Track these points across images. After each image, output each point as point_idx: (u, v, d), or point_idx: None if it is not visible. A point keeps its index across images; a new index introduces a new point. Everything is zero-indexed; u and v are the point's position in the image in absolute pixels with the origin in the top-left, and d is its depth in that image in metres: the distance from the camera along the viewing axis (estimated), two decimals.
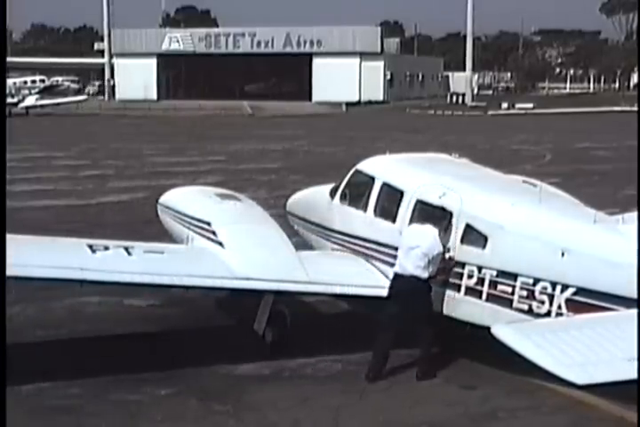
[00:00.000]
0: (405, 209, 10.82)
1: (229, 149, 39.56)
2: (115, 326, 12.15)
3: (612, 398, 9.05)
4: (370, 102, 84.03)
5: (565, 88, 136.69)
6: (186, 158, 35.15)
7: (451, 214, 10.29)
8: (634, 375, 6.91)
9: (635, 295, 8.47)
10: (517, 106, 78.14)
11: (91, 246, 10.40)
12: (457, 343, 10.73)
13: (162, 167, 31.31)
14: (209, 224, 11.30)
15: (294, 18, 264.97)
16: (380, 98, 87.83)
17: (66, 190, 25.56)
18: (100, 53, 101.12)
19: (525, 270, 9.50)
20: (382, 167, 11.94)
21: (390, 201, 11.16)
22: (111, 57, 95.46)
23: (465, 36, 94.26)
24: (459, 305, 10.18)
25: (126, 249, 10.46)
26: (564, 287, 9.15)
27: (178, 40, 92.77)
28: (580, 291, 9.02)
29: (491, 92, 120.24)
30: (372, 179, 11.71)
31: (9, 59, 71.41)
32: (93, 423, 8.88)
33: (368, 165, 12.14)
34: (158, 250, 10.81)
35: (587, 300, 8.95)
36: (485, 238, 9.92)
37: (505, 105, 78.74)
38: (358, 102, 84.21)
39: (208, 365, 10.41)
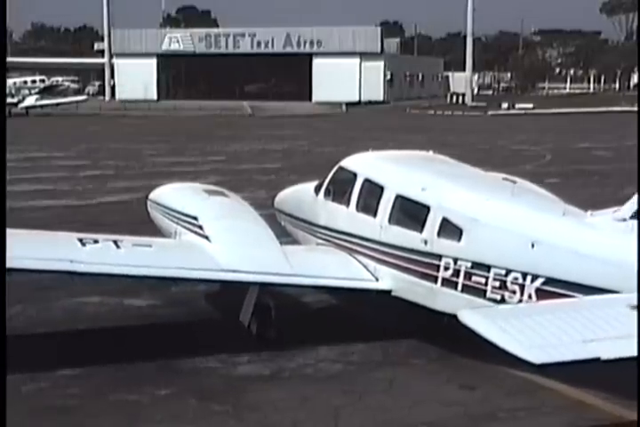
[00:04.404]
0: (385, 204, 11.17)
1: (229, 149, 39.56)
2: (115, 326, 12.17)
3: (611, 399, 9.08)
4: (370, 102, 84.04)
5: (565, 88, 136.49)
6: (186, 158, 35.15)
7: (428, 209, 10.61)
8: (589, 355, 7.11)
9: (600, 285, 8.78)
10: (517, 106, 78.17)
11: (81, 240, 10.70)
12: (457, 343, 10.74)
13: (162, 167, 31.31)
14: (196, 219, 11.66)
15: (294, 18, 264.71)
16: (380, 98, 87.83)
17: (66, 190, 25.59)
18: (100, 53, 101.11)
19: (498, 262, 9.81)
20: (364, 164, 12.34)
21: (371, 196, 11.53)
22: (111, 57, 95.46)
23: (465, 36, 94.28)
24: (436, 296, 10.45)
25: (115, 242, 10.76)
26: (534, 278, 9.45)
27: (178, 40, 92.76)
28: (550, 281, 9.32)
29: (491, 92, 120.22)
30: (355, 175, 12.07)
31: (9, 59, 71.33)
32: (93, 423, 8.89)
33: (351, 162, 12.54)
34: (146, 244, 11.09)
35: (555, 289, 9.23)
36: (461, 231, 10.22)
37: (505, 105, 78.77)
38: (358, 102, 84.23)
39: (208, 365, 10.42)
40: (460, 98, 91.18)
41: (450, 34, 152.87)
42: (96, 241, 10.72)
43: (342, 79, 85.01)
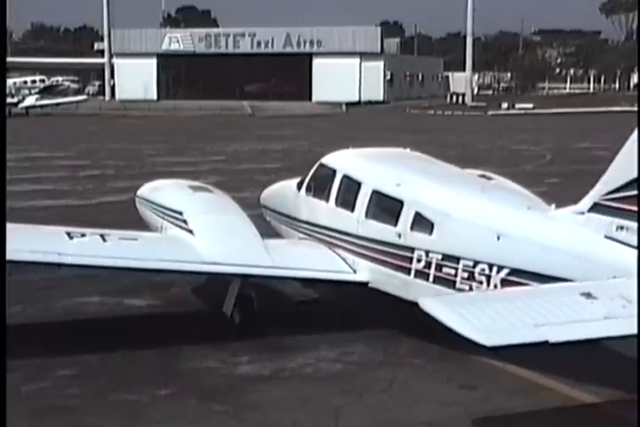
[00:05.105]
0: (362, 199, 11.57)
1: (229, 149, 39.56)
2: (115, 326, 12.18)
3: (611, 399, 9.09)
4: (370, 102, 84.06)
5: (565, 88, 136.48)
6: (186, 158, 35.16)
7: (402, 203, 10.97)
8: (538, 339, 7.32)
9: (561, 275, 9.04)
10: (517, 106, 78.19)
11: (68, 233, 11.05)
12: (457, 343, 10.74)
13: (162, 167, 31.27)
14: (181, 213, 12.04)
15: (294, 18, 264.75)
16: (380, 98, 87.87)
17: (66, 190, 25.59)
18: (100, 53, 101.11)
19: (466, 254, 10.17)
20: (343, 161, 12.77)
21: (349, 192, 11.93)
22: (111, 57, 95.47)
23: (465, 36, 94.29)
24: (410, 287, 10.75)
25: (102, 236, 11.11)
26: (500, 268, 9.80)
27: (178, 40, 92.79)
28: (514, 272, 9.65)
29: (491, 92, 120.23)
30: (334, 172, 12.49)
31: (9, 59, 71.39)
32: (93, 423, 8.89)
33: (331, 159, 12.97)
34: (132, 237, 11.43)
35: (519, 280, 9.52)
36: (432, 225, 10.59)
37: (505, 105, 78.80)
38: (358, 102, 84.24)
39: (208, 365, 10.43)
40: (460, 98, 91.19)
41: (450, 34, 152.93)
42: (83, 235, 11.08)
43: (342, 79, 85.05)
